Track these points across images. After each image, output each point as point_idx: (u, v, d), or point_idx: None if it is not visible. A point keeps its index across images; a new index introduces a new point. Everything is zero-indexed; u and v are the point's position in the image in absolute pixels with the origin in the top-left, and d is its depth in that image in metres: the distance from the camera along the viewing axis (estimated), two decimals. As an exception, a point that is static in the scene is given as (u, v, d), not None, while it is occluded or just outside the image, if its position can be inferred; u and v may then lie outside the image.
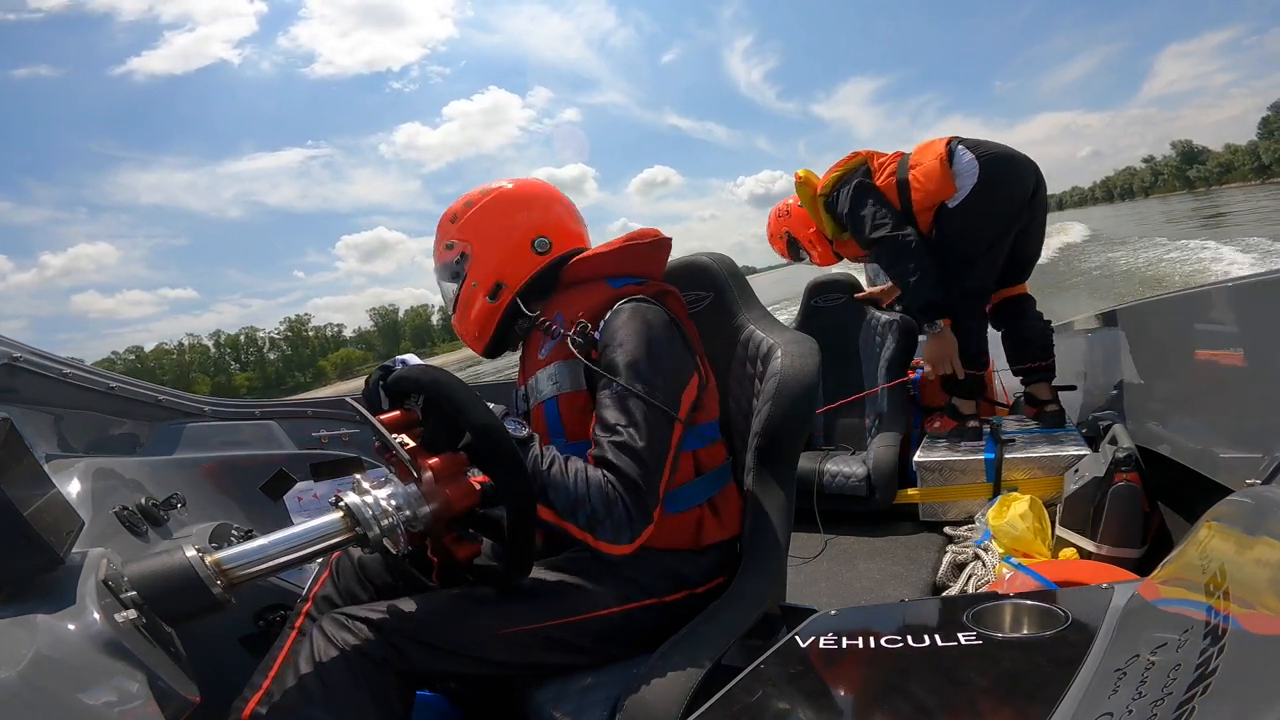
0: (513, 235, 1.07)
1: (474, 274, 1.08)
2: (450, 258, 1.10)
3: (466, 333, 1.13)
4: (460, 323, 1.13)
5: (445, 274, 1.12)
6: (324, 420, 1.83)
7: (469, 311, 1.09)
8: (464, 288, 1.09)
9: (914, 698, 0.62)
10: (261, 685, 0.85)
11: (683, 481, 0.96)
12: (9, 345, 1.17)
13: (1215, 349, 1.24)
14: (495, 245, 1.08)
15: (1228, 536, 0.54)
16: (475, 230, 1.09)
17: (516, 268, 1.07)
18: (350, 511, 0.76)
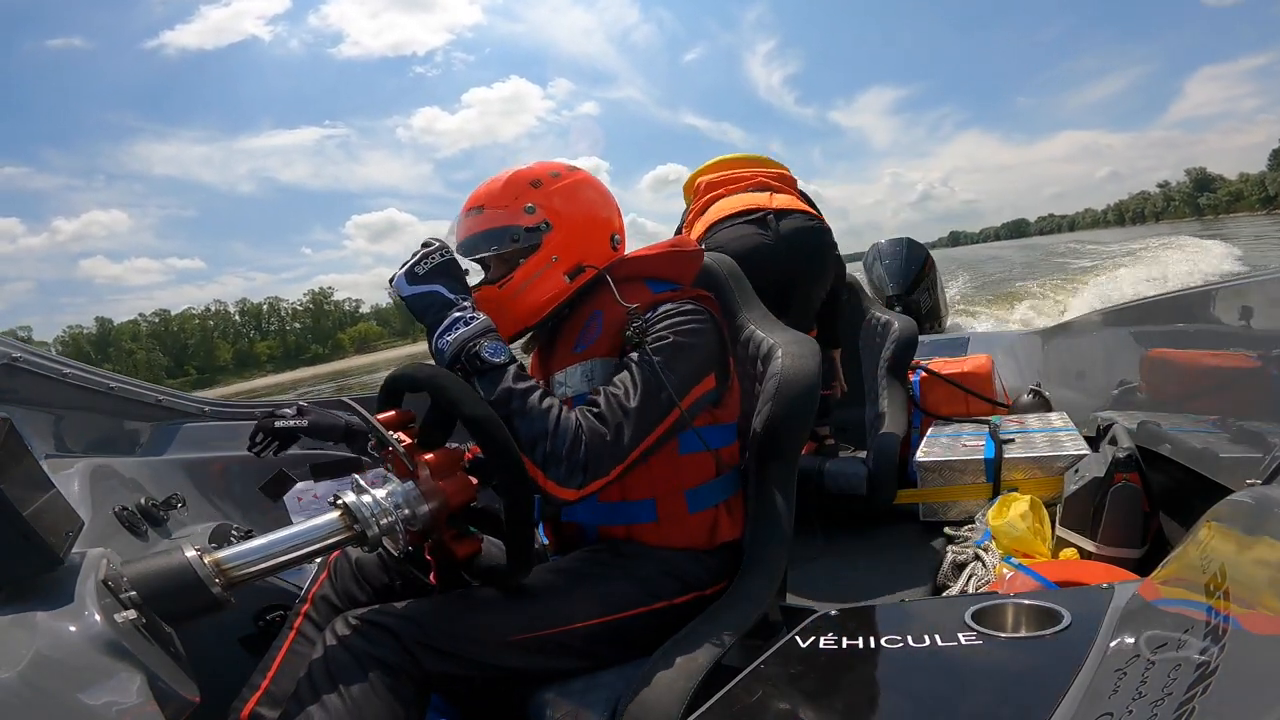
0: (599, 223, 1.05)
1: (555, 247, 1.01)
2: (528, 221, 1.00)
3: (521, 306, 1.02)
4: (512, 296, 1.01)
5: (504, 238, 1.01)
6: (324, 420, 1.83)
7: (541, 284, 1.01)
8: (536, 258, 1.00)
9: (914, 698, 0.62)
10: (260, 685, 0.86)
11: (704, 480, 0.98)
12: (9, 345, 1.17)
13: (1215, 349, 1.24)
14: (584, 226, 1.03)
15: (1228, 536, 0.54)
16: (567, 203, 1.03)
17: (598, 255, 1.04)
18: (349, 510, 0.76)
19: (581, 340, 1.00)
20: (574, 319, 1.04)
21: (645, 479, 0.95)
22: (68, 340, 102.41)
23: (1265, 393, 1.01)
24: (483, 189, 1.05)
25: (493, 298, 1.00)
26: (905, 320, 2.25)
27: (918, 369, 2.36)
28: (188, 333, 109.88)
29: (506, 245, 1.01)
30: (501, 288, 1.01)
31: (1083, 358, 2.25)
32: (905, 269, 4.31)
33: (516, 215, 1.01)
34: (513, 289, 1.01)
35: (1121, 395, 1.77)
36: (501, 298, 1.01)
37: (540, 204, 1.01)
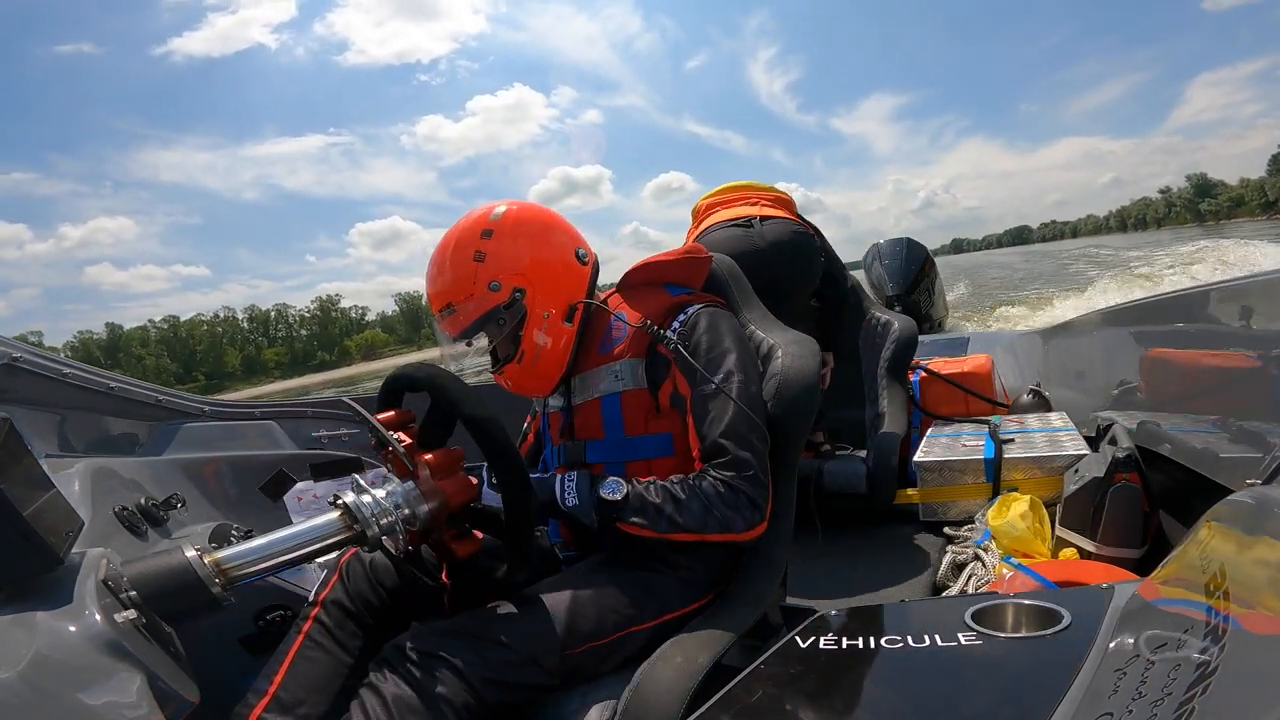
0: (558, 255, 1.04)
1: (541, 304, 1.01)
2: (499, 300, 1.00)
3: (548, 366, 1.04)
4: (533, 365, 1.03)
5: (490, 324, 1.02)
6: (324, 420, 1.83)
7: (552, 341, 1.03)
8: (531, 323, 1.01)
9: (914, 698, 0.62)
10: (268, 690, 0.84)
11: None
12: (9, 345, 1.17)
13: (1215, 349, 1.24)
14: (549, 268, 1.03)
15: (1228, 536, 0.54)
16: (520, 257, 1.01)
17: (577, 284, 1.05)
18: (349, 510, 0.76)
19: (607, 342, 1.03)
20: (594, 327, 1.06)
21: (673, 473, 0.95)
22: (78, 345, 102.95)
23: (1265, 393, 1.01)
24: (434, 286, 1.03)
25: (521, 373, 1.04)
26: (905, 320, 2.25)
27: (918, 369, 2.36)
28: (196, 339, 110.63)
29: (497, 332, 1.03)
30: (521, 362, 1.03)
31: (1083, 358, 2.25)
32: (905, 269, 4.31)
33: (486, 299, 1.00)
34: (530, 359, 1.03)
35: (1121, 395, 1.77)
36: (526, 370, 1.04)
37: (498, 275, 1.00)
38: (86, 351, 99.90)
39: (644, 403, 0.99)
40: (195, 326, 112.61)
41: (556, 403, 1.09)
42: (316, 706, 0.84)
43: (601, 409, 1.01)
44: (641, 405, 0.99)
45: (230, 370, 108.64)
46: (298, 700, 0.83)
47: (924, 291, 4.29)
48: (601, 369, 1.02)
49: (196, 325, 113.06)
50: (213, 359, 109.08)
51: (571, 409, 1.06)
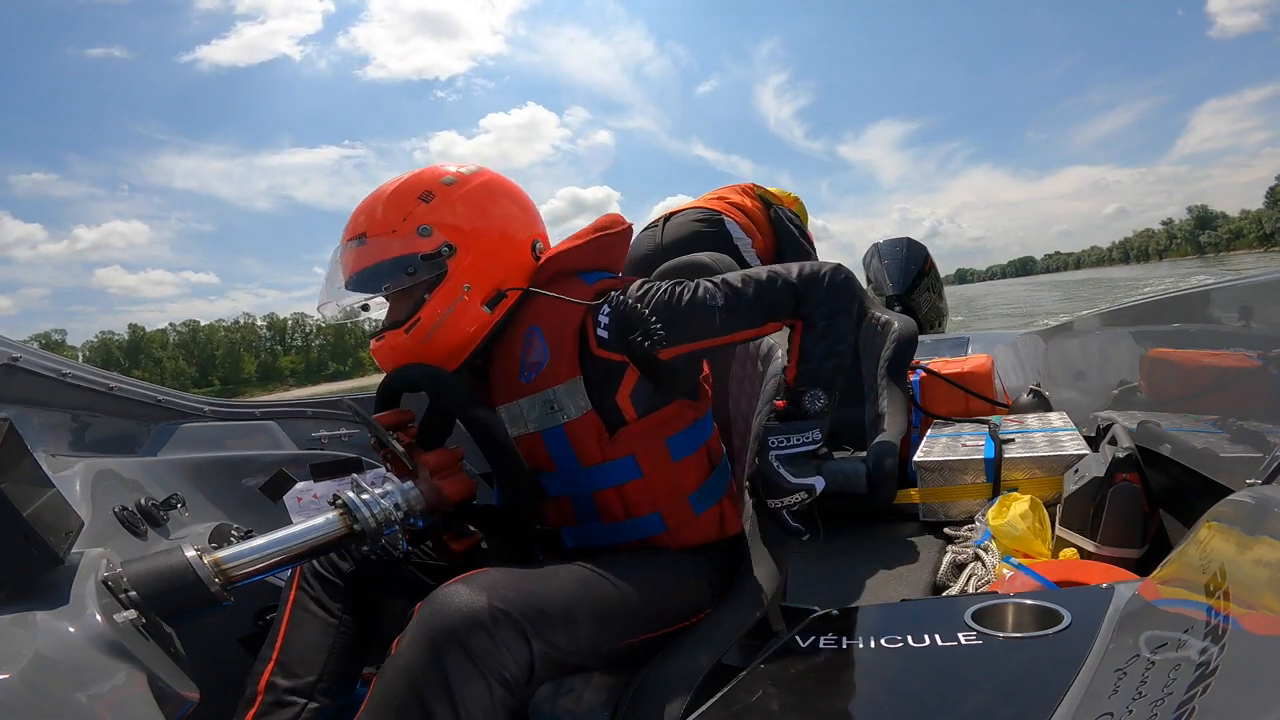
0: (514, 233, 0.91)
1: (465, 274, 0.87)
2: (424, 247, 0.87)
3: (437, 350, 0.88)
4: (423, 339, 0.87)
5: (397, 272, 0.87)
6: (324, 420, 1.83)
7: (455, 321, 0.87)
8: (443, 290, 0.87)
9: (914, 698, 0.62)
10: (271, 658, 0.90)
11: (702, 480, 0.94)
12: (9, 345, 1.17)
13: (1215, 349, 1.24)
14: (496, 241, 0.90)
15: (1228, 536, 0.54)
16: (471, 216, 0.88)
17: (517, 271, 0.90)
18: (349, 510, 0.76)
19: (526, 367, 0.88)
20: (505, 345, 0.91)
21: (646, 494, 0.89)
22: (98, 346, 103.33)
23: (1265, 393, 1.01)
24: (364, 209, 0.90)
25: (402, 344, 0.88)
26: (905, 320, 2.24)
27: (918, 369, 2.36)
28: (214, 344, 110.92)
29: (402, 280, 0.87)
30: (409, 332, 0.87)
31: (1083, 358, 2.25)
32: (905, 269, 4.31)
33: (409, 241, 0.87)
34: (422, 332, 0.87)
35: (1121, 395, 1.77)
36: (412, 344, 0.88)
37: (436, 223, 0.87)
38: (107, 352, 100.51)
39: (594, 426, 0.86)
40: (214, 332, 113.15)
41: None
42: (314, 665, 0.89)
43: (545, 444, 0.88)
44: (592, 430, 0.86)
45: (246, 376, 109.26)
46: (297, 661, 0.89)
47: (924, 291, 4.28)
48: (529, 400, 0.87)
49: (215, 330, 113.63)
50: (229, 364, 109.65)
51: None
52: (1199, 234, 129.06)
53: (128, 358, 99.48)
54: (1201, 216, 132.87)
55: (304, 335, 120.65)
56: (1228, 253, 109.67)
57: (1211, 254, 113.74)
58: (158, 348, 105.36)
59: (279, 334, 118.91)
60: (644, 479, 0.88)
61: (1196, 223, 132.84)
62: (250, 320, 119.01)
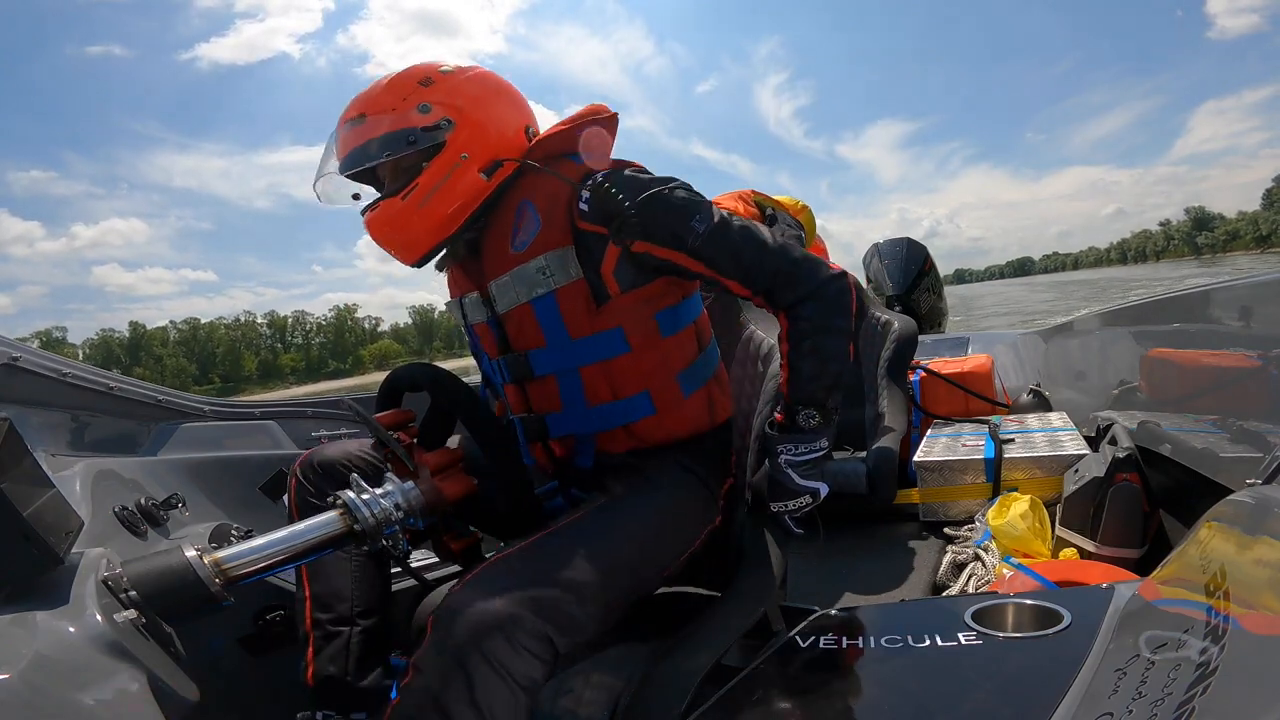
0: (509, 116, 0.95)
1: (463, 144, 0.89)
2: (423, 121, 0.89)
3: (434, 214, 0.90)
4: (421, 203, 0.89)
5: (399, 142, 0.89)
6: (324, 420, 1.83)
7: (453, 186, 0.89)
8: (442, 159, 0.89)
9: (914, 698, 0.62)
10: (305, 597, 0.94)
11: (690, 360, 0.93)
12: (9, 345, 1.17)
13: (1215, 349, 1.24)
14: (493, 119, 0.93)
15: (1228, 536, 0.54)
16: (468, 98, 0.91)
17: (512, 149, 0.93)
18: (349, 509, 0.76)
19: (518, 237, 0.90)
20: (498, 219, 0.93)
21: (635, 372, 0.89)
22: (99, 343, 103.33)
23: (1265, 393, 1.01)
24: (362, 96, 0.93)
25: (398, 210, 0.90)
26: (905, 320, 2.24)
27: (918, 369, 2.36)
28: (215, 342, 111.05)
29: (402, 149, 0.88)
30: (405, 198, 0.89)
31: (1083, 358, 2.25)
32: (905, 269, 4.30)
33: (408, 116, 0.89)
34: (419, 196, 0.89)
35: (1121, 395, 1.77)
36: (408, 209, 0.89)
37: (436, 101, 0.90)
38: (108, 349, 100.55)
39: (583, 295, 0.87)
40: (214, 329, 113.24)
41: (479, 315, 0.96)
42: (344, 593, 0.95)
43: (535, 314, 0.88)
44: (581, 299, 0.87)
45: (247, 374, 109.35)
46: (328, 594, 0.94)
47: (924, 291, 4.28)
48: (520, 269, 0.89)
49: (215, 328, 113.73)
50: (230, 362, 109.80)
51: (499, 320, 0.93)
52: (1196, 235, 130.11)
53: (129, 355, 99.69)
54: (1199, 218, 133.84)
55: (304, 333, 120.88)
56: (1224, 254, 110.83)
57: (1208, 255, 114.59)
58: (158, 345, 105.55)
59: (279, 332, 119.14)
60: (632, 354, 0.88)
61: (1194, 224, 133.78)
62: (251, 318, 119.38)
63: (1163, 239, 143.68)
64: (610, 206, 0.84)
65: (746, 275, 0.85)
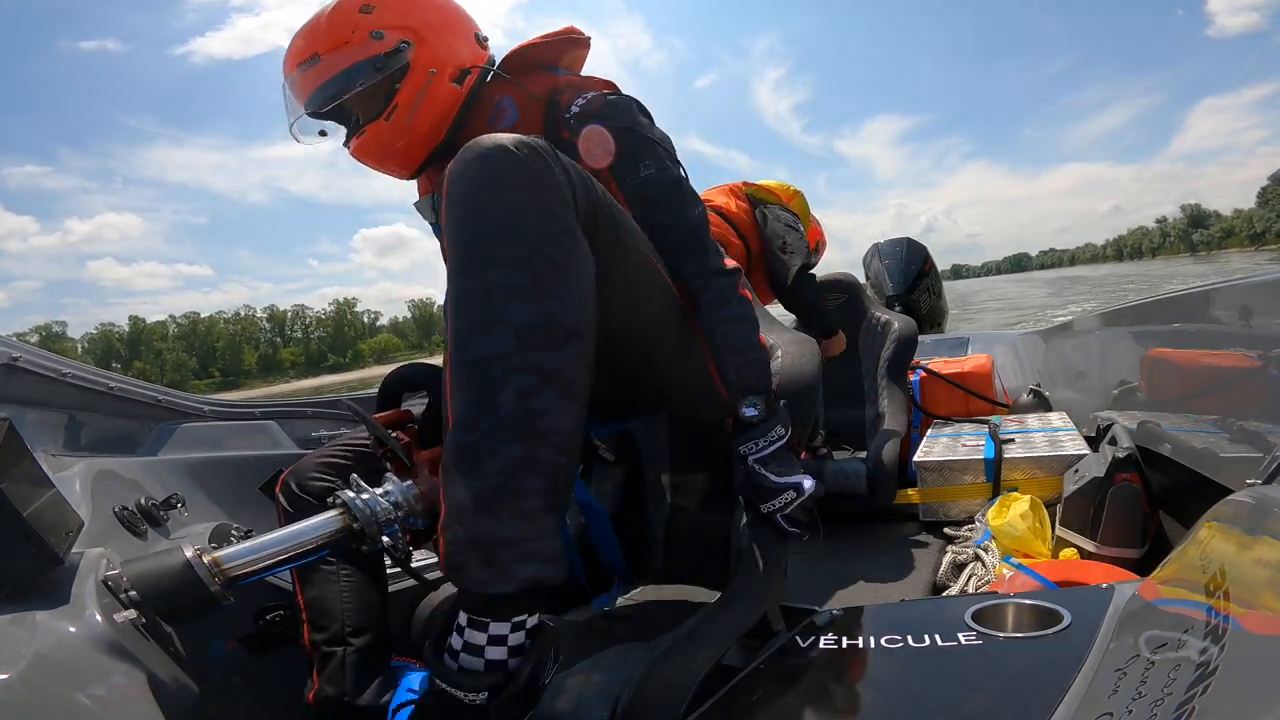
0: (459, 24, 0.98)
1: (427, 60, 0.93)
2: (380, 49, 0.91)
3: (421, 129, 0.94)
4: (405, 120, 0.92)
5: (365, 71, 0.91)
6: (324, 420, 1.83)
7: (431, 100, 0.93)
8: (413, 78, 0.92)
9: (914, 698, 0.62)
10: (303, 619, 0.95)
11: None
12: (9, 345, 1.17)
13: (1215, 349, 1.24)
14: (447, 30, 0.96)
15: (1228, 536, 0.54)
16: (417, 18, 0.94)
17: (472, 56, 0.97)
18: (348, 509, 0.76)
19: (495, 127, 0.94)
20: (475, 117, 0.97)
21: None
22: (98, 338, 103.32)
23: (1265, 393, 1.01)
24: (304, 35, 0.94)
25: (385, 131, 0.93)
26: (905, 320, 2.25)
27: (918, 369, 2.36)
28: (214, 336, 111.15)
29: (372, 77, 0.92)
30: (390, 118, 0.93)
31: (1083, 358, 2.25)
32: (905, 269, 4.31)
33: (367, 46, 0.91)
34: (404, 114, 0.93)
35: (1121, 395, 1.77)
36: (395, 127, 0.93)
37: (386, 25, 0.92)
38: (108, 343, 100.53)
39: None
40: (214, 324, 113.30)
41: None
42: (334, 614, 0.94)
43: None
44: None
45: (247, 369, 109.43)
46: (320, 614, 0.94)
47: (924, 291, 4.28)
48: None
49: (215, 323, 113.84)
50: (230, 356, 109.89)
51: None
52: (1192, 232, 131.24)
53: (128, 349, 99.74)
54: (1194, 215, 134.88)
55: (304, 327, 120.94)
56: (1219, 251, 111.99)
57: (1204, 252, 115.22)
58: (158, 340, 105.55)
59: (279, 326, 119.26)
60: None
61: (1189, 221, 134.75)
62: (251, 312, 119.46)
63: (1159, 236, 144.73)
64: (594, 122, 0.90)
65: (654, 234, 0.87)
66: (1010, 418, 2.18)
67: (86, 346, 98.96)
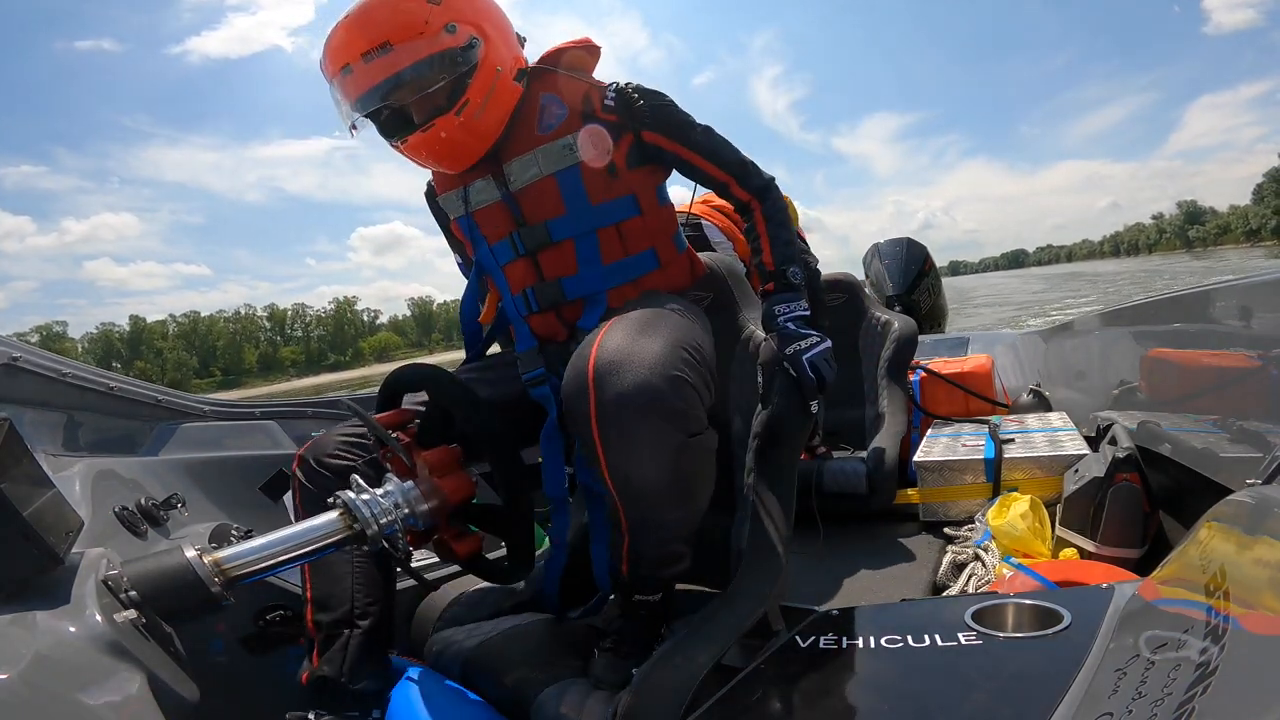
0: (507, 26, 1.04)
1: (494, 58, 0.98)
2: (454, 43, 0.94)
3: (488, 125, 1.00)
4: (474, 118, 0.97)
5: (446, 64, 0.94)
6: (324, 420, 1.83)
7: (499, 98, 0.99)
8: (482, 75, 0.96)
9: (914, 698, 0.62)
10: (307, 599, 0.94)
11: (677, 226, 1.13)
12: (9, 345, 1.17)
13: (1215, 349, 1.24)
14: (502, 31, 1.02)
15: (1228, 536, 0.54)
16: (482, 15, 0.98)
17: (519, 55, 1.05)
18: (349, 509, 0.76)
19: (544, 121, 1.02)
20: (524, 112, 1.04)
21: (644, 231, 1.06)
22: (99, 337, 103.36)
23: (1265, 393, 1.01)
24: (362, 26, 0.93)
25: (455, 126, 0.96)
26: (905, 320, 2.25)
27: (918, 369, 2.36)
28: (215, 335, 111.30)
29: (451, 71, 0.94)
30: (460, 113, 0.96)
31: (1083, 358, 2.25)
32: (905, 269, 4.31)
33: (440, 39, 0.93)
34: (473, 111, 0.97)
35: (1121, 395, 1.77)
36: (466, 124, 0.97)
37: (458, 20, 0.94)
38: (108, 343, 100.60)
39: (601, 168, 1.02)
40: (214, 323, 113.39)
41: (487, 196, 1.06)
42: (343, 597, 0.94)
43: (559, 185, 1.02)
44: (600, 171, 1.01)
45: (248, 367, 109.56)
46: (327, 596, 0.94)
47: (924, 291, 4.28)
48: (548, 147, 1.01)
49: (215, 322, 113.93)
50: (230, 355, 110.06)
51: (513, 196, 1.04)
52: (1188, 229, 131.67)
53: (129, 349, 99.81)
54: (1190, 212, 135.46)
55: (304, 326, 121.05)
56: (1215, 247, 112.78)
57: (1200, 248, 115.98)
58: (158, 339, 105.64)
59: (279, 325, 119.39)
60: (642, 216, 1.05)
61: (1186, 218, 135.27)
62: (251, 311, 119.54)
63: (1155, 232, 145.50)
64: (633, 104, 1.02)
65: (726, 165, 1.06)
66: (1010, 418, 2.18)
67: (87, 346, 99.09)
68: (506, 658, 0.95)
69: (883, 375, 2.21)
